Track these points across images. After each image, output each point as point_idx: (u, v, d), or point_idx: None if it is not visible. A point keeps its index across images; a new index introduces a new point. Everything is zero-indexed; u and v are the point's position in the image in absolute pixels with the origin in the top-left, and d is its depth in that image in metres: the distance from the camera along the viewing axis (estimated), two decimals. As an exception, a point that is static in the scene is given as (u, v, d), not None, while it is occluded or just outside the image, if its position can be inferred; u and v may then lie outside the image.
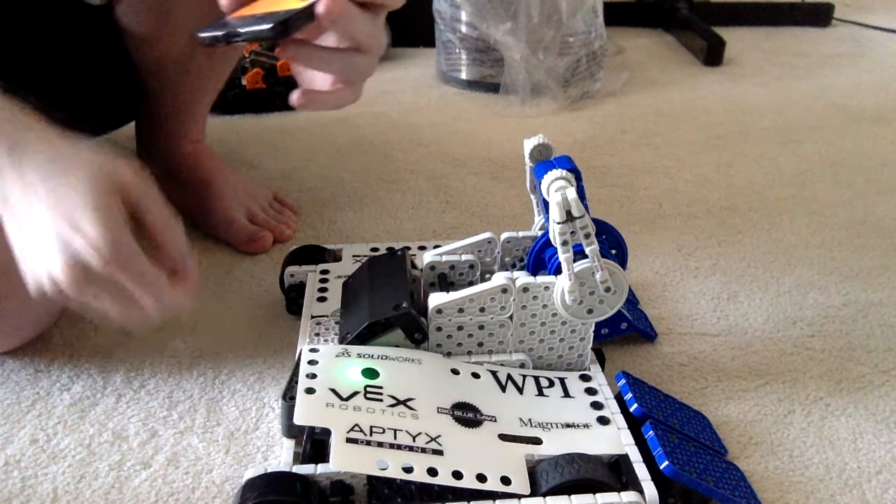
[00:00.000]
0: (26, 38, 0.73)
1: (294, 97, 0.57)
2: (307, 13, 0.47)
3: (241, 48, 0.83)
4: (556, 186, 0.53)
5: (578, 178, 0.55)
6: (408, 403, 0.49)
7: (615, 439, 0.50)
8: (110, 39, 0.78)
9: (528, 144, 0.60)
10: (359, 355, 0.52)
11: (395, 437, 0.46)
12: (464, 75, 1.34)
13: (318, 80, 0.59)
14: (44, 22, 0.74)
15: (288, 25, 0.47)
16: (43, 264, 0.49)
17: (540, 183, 0.55)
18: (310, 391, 0.48)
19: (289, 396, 0.49)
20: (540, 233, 0.62)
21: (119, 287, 0.50)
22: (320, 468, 0.46)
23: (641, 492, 0.46)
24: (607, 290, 0.53)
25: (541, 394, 0.54)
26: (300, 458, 0.47)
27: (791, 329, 0.70)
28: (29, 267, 0.50)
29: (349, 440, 0.45)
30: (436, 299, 0.53)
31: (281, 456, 0.50)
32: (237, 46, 0.81)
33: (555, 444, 0.49)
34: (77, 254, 0.49)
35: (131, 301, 0.51)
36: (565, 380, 0.56)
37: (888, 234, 0.87)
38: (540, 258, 0.60)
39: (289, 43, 0.54)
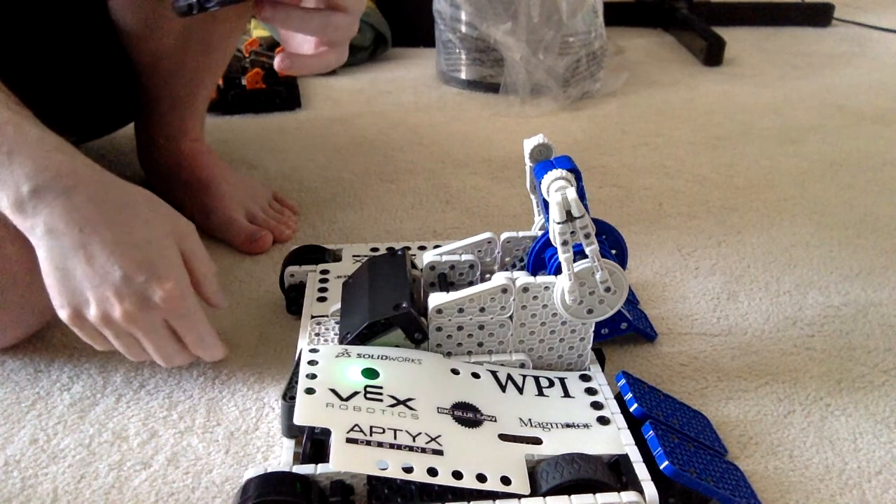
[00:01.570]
0: (22, 41, 0.73)
1: (277, 61, 0.57)
2: None
3: (235, 39, 0.82)
4: (556, 186, 0.52)
5: (578, 178, 0.55)
6: (408, 403, 0.49)
7: (615, 439, 0.50)
8: (106, 39, 0.78)
9: (528, 144, 0.60)
10: (359, 355, 0.52)
11: (395, 437, 0.46)
12: (464, 75, 1.34)
13: (303, 45, 0.60)
14: (39, 23, 0.74)
15: None
16: (95, 299, 0.50)
17: (540, 183, 0.55)
18: (310, 391, 0.48)
19: (289, 396, 0.49)
20: (540, 233, 0.62)
21: (166, 330, 0.52)
22: (320, 468, 0.45)
23: (641, 492, 0.46)
24: (607, 290, 0.53)
25: (541, 394, 0.54)
26: (300, 458, 0.47)
27: (791, 329, 0.70)
28: (70, 298, 0.51)
29: (349, 440, 0.45)
30: (436, 299, 0.53)
31: (281, 456, 0.50)
32: (228, 32, 0.80)
33: (555, 444, 0.49)
34: (147, 298, 0.50)
35: (171, 345, 0.53)
36: (565, 380, 0.56)
37: (888, 234, 0.87)
38: (540, 258, 0.60)
39: (265, 4, 0.54)
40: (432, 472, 0.45)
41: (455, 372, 0.54)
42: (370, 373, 0.51)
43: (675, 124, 1.20)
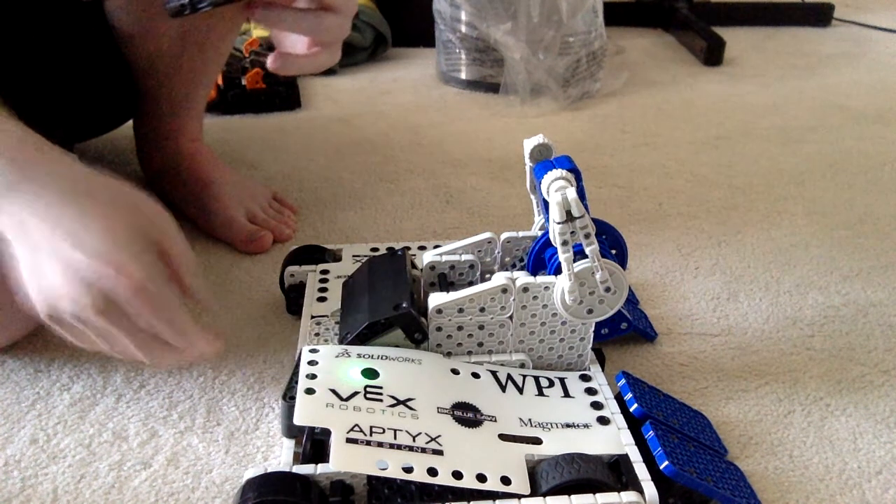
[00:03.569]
0: (18, 40, 0.73)
1: (269, 61, 0.57)
2: None
3: (231, 39, 0.82)
4: (556, 186, 0.52)
5: (578, 178, 0.55)
6: (408, 403, 0.49)
7: (615, 439, 0.50)
8: (103, 38, 0.78)
9: (528, 144, 0.60)
10: (359, 355, 0.52)
11: (395, 437, 0.46)
12: (464, 75, 1.34)
13: (296, 45, 0.60)
14: (34, 22, 0.74)
15: None
16: (68, 295, 0.49)
17: (540, 183, 0.55)
18: (310, 391, 0.48)
19: (289, 396, 0.49)
20: (540, 233, 0.62)
21: (144, 327, 0.51)
22: (320, 468, 0.46)
23: (641, 492, 0.46)
24: (607, 290, 0.53)
25: (541, 394, 0.54)
26: (300, 458, 0.47)
27: (791, 329, 0.70)
28: (44, 296, 0.50)
29: (349, 440, 0.45)
30: (436, 299, 0.53)
31: (281, 456, 0.50)
32: (225, 32, 0.80)
33: (555, 444, 0.49)
34: (116, 291, 0.49)
35: (153, 341, 0.52)
36: (565, 380, 0.56)
37: (888, 234, 0.87)
38: (540, 258, 0.60)
39: (257, 5, 0.54)
40: (432, 472, 0.45)
41: (455, 372, 0.54)
42: (370, 373, 0.51)
43: (675, 124, 1.20)
